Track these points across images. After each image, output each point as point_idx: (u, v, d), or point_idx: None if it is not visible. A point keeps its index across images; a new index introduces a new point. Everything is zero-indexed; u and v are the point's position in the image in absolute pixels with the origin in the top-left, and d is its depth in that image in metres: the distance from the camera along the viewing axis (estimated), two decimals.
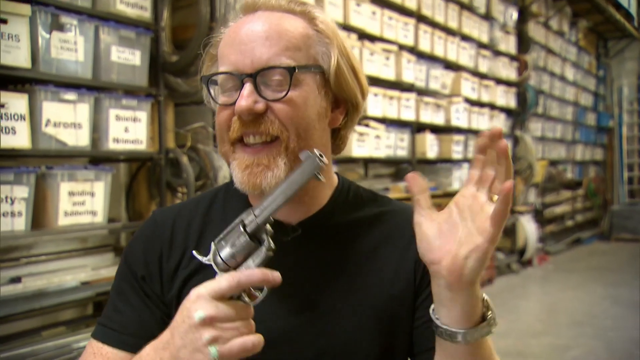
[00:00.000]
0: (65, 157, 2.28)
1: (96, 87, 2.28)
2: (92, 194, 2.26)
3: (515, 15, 6.19)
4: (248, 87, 0.83)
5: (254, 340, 0.73)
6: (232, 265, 0.78)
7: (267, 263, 0.78)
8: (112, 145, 2.33)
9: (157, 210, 1.04)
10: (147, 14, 2.46)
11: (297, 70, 0.84)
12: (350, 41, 3.71)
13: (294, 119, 0.85)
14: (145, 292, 0.93)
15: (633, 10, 8.89)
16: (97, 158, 2.42)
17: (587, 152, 9.13)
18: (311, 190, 0.91)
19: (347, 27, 3.72)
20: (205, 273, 0.85)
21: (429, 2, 4.53)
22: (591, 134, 9.31)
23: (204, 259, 0.81)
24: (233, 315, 0.73)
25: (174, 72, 2.59)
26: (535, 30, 6.82)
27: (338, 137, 0.95)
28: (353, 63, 0.92)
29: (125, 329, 0.90)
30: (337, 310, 0.89)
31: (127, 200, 2.70)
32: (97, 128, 2.30)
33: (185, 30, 2.68)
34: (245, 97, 0.83)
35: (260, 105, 0.84)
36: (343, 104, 0.93)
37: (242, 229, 0.77)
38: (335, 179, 0.99)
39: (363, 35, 3.85)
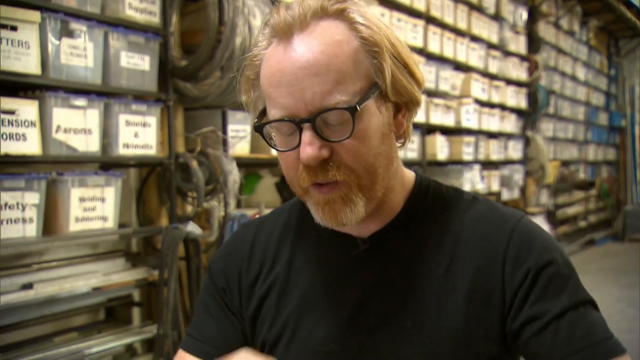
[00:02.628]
0: (76, 163, 2.29)
1: (106, 93, 2.28)
2: (103, 200, 2.26)
3: (525, 15, 6.15)
4: (308, 134, 0.78)
5: None
6: None
7: (334, 279, 0.87)
8: (122, 151, 2.33)
9: (244, 222, 1.06)
10: (155, 19, 2.46)
11: (358, 109, 0.77)
12: None
13: (361, 157, 0.79)
14: (227, 305, 0.94)
15: None
16: (107, 163, 2.42)
17: (599, 152, 9.05)
18: (385, 198, 0.86)
19: None
20: (280, 289, 0.88)
21: (437, 3, 4.51)
22: (603, 134, 9.23)
23: None
24: None
25: (183, 77, 2.59)
26: (545, 30, 6.77)
27: (402, 134, 0.88)
28: (405, 60, 0.82)
29: (207, 339, 0.92)
30: (408, 330, 0.84)
31: (138, 206, 2.70)
32: (107, 133, 2.30)
33: (194, 35, 2.68)
34: (309, 145, 0.78)
35: (325, 151, 0.79)
36: (404, 105, 0.86)
37: None
38: (411, 179, 0.91)
39: None
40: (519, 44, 6.10)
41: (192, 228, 2.48)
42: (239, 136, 2.88)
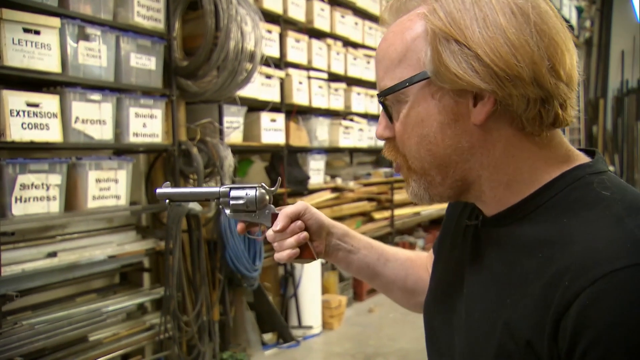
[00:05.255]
0: (92, 149, 2.26)
1: (118, 89, 2.25)
2: (116, 181, 2.24)
3: None
4: (382, 113, 0.72)
5: None
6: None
7: (451, 242, 0.81)
8: (132, 139, 2.31)
9: None
10: (161, 25, 2.43)
11: (383, 97, 0.69)
12: (336, 47, 3.70)
13: (405, 143, 0.70)
14: None
15: (574, 22, 8.90)
16: (119, 150, 2.39)
17: None
18: (482, 186, 0.69)
19: (333, 36, 3.70)
20: None
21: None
22: None
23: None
24: None
25: (184, 75, 2.56)
26: None
27: (516, 118, 0.65)
28: (472, 45, 0.62)
29: None
30: (462, 314, 0.71)
31: (147, 186, 2.68)
32: (119, 124, 2.28)
33: (194, 39, 2.65)
34: (379, 124, 0.73)
35: (388, 132, 0.71)
36: (482, 92, 0.64)
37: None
38: (552, 175, 0.66)
39: (347, 43, 3.83)
40: None
41: (193, 205, 2.48)
42: (233, 127, 2.87)
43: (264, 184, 0.93)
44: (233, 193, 0.91)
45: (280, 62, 3.21)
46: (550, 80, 0.63)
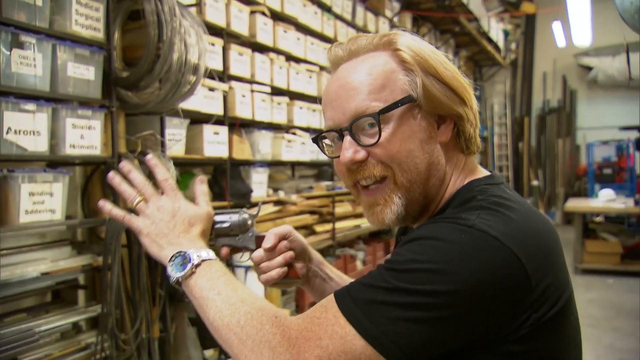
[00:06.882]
0: (26, 161, 2.15)
1: (53, 99, 2.16)
2: (51, 194, 2.14)
3: None
4: (347, 139, 0.79)
5: None
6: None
7: None
8: (68, 151, 2.21)
9: None
10: (100, 35, 2.36)
11: (381, 115, 0.76)
12: (279, 62, 3.72)
13: (394, 156, 0.77)
14: None
15: (501, 44, 9.44)
16: (55, 162, 2.29)
17: None
18: (430, 204, 0.82)
19: (276, 50, 3.73)
20: None
21: (343, 31, 4.62)
22: None
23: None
24: None
25: (125, 86, 2.49)
26: None
27: (461, 140, 0.83)
28: (443, 78, 0.79)
29: None
30: None
31: (83, 199, 2.58)
32: (55, 135, 2.18)
33: (135, 50, 2.59)
34: (347, 150, 0.78)
35: (361, 154, 0.78)
36: (448, 118, 0.81)
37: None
38: (458, 184, 0.83)
39: (290, 57, 3.87)
40: None
41: None
42: (175, 139, 2.82)
43: (245, 209, 0.93)
44: (217, 218, 0.91)
45: (224, 75, 3.20)
46: (475, 110, 0.83)
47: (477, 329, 0.69)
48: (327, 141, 0.85)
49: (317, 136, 0.85)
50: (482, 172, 0.86)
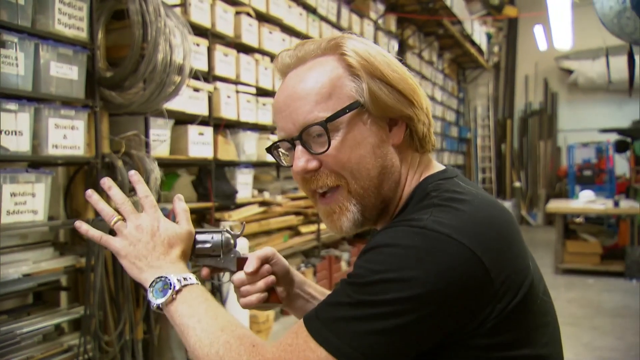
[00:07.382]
0: (7, 161, 2.12)
1: (36, 98, 2.13)
2: (33, 195, 2.11)
3: (396, 46, 6.46)
4: (299, 149, 0.78)
5: None
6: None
7: None
8: (51, 151, 2.19)
9: None
10: (83, 34, 2.34)
11: (328, 123, 0.76)
12: (264, 63, 3.73)
13: (345, 164, 0.77)
14: None
15: (484, 47, 9.55)
16: (37, 162, 2.26)
17: (452, 158, 9.66)
18: (389, 206, 0.82)
19: (261, 51, 3.73)
20: None
21: (328, 33, 4.63)
22: (454, 144, 9.86)
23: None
24: None
25: (108, 86, 2.47)
26: (411, 59, 7.15)
27: (415, 140, 0.83)
28: (390, 80, 0.79)
29: None
30: None
31: (65, 200, 2.55)
32: (37, 135, 2.15)
33: (119, 50, 2.57)
34: (299, 159, 0.78)
35: (313, 163, 0.78)
36: (399, 120, 0.81)
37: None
38: (414, 183, 0.82)
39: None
40: None
41: None
42: (160, 139, 2.80)
43: (228, 229, 0.91)
44: (198, 237, 0.88)
45: (209, 76, 3.19)
46: (426, 109, 0.84)
47: (445, 327, 0.70)
48: (282, 150, 0.85)
49: (271, 146, 0.84)
50: (437, 167, 0.86)
